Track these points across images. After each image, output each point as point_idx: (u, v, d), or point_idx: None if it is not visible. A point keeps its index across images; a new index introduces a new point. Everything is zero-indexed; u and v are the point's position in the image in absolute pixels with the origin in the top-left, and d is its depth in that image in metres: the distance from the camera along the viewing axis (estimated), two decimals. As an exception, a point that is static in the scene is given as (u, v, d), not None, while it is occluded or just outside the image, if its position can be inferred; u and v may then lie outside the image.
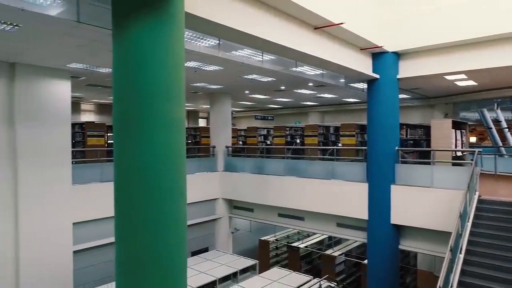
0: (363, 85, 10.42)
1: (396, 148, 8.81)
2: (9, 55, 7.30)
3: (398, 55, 8.74)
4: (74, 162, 8.98)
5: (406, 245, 8.88)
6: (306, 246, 12.88)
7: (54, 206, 8.23)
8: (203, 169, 12.22)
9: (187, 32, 5.84)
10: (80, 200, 8.74)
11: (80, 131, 11.37)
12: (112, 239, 9.03)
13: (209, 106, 13.88)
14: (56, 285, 8.25)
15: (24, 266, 7.78)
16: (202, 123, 24.73)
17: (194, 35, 6.13)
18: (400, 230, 8.83)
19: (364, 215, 8.99)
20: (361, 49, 8.17)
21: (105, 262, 9.11)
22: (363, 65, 8.37)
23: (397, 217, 8.58)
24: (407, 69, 8.71)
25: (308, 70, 8.84)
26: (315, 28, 6.63)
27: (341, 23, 6.54)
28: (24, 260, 7.78)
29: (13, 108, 7.76)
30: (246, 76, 10.17)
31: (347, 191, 9.40)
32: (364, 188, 9.02)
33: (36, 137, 7.97)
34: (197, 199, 11.20)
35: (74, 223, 8.63)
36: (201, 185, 11.79)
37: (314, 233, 13.03)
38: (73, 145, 9.59)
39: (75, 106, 17.42)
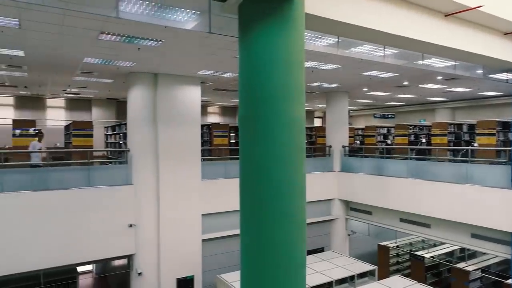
0: (508, 76, 8.95)
1: (554, 149, 7.32)
2: (153, 67, 8.54)
3: (557, 37, 7.24)
4: (202, 160, 9.98)
5: None
6: (432, 256, 11.69)
7: (187, 198, 9.29)
8: (319, 168, 12.20)
9: (306, 33, 5.91)
10: (208, 194, 9.65)
11: (207, 131, 12.54)
12: (234, 231, 9.73)
13: (324, 106, 13.76)
14: (188, 268, 9.32)
15: (163, 248, 9.00)
16: (317, 122, 24.69)
17: (313, 35, 6.18)
18: (558, 248, 7.32)
19: (508, 227, 7.71)
20: (505, 34, 7.03)
21: (229, 252, 9.88)
22: (508, 52, 7.18)
23: (554, 232, 7.13)
24: None
25: (436, 62, 8.02)
26: (446, 15, 5.96)
27: (479, 6, 5.74)
28: (163, 243, 9.00)
29: (155, 111, 9.05)
30: (365, 73, 9.77)
31: (486, 198, 8.20)
32: (508, 195, 7.74)
33: (173, 136, 9.14)
34: (313, 199, 11.23)
35: (202, 215, 9.60)
36: (317, 185, 11.78)
37: (443, 243, 11.73)
38: (202, 144, 10.64)
39: (203, 109, 19.29)
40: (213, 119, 20.49)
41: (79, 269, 9.20)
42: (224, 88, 12.46)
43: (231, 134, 13.16)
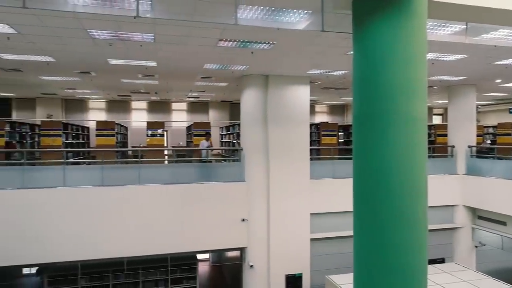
0: None
1: None
2: (265, 69, 8.88)
3: None
4: (310, 159, 9.98)
5: None
6: None
7: (296, 196, 9.41)
8: (439, 170, 11.05)
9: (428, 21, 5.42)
10: (316, 193, 9.62)
11: (315, 130, 12.52)
12: (343, 233, 9.47)
13: (445, 101, 12.40)
14: (296, 265, 9.44)
15: (273, 244, 9.29)
16: (437, 120, 22.43)
17: (434, 23, 5.63)
18: None
19: None
20: None
21: (337, 253, 9.68)
22: None
23: None
24: None
25: None
26: None
27: None
28: (273, 239, 9.29)
29: (266, 112, 9.40)
30: (498, 62, 8.49)
31: None
32: None
33: (282, 135, 9.36)
34: (432, 203, 10.18)
35: (311, 214, 9.61)
36: (437, 188, 10.58)
37: None
38: (310, 143, 10.65)
39: (311, 108, 19.19)
40: (321, 118, 20.32)
41: (198, 257, 10.14)
42: (332, 86, 12.26)
43: (339, 134, 12.89)
